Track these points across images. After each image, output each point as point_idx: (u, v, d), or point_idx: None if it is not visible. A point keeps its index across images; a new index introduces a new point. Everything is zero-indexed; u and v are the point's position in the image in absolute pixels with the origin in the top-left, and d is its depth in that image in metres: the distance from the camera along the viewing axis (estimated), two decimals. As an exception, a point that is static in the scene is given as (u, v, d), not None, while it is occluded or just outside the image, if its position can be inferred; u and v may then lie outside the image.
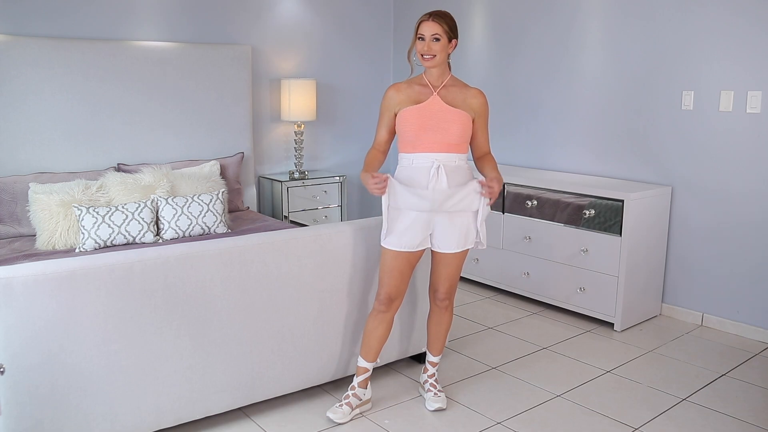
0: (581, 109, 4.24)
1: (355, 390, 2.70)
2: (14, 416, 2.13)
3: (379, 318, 2.66)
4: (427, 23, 2.52)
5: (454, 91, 2.59)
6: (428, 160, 2.54)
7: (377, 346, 2.69)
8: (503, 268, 4.23)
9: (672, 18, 3.72)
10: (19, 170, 3.79)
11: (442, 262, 2.66)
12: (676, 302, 3.89)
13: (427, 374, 2.85)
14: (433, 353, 2.84)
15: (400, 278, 2.62)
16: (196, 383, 2.45)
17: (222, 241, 2.52)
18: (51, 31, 3.92)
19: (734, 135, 3.54)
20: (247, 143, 4.64)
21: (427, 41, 2.51)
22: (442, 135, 2.53)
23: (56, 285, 2.14)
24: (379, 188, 2.51)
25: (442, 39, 2.52)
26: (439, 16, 2.54)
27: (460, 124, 2.54)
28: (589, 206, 3.74)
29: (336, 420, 2.63)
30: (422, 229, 2.58)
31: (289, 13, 4.90)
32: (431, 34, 2.51)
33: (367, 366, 2.70)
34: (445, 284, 2.70)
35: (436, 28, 2.51)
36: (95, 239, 3.39)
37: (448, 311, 2.79)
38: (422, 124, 2.53)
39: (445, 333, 2.83)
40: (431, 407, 2.75)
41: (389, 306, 2.65)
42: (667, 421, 2.71)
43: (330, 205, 4.97)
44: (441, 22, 2.52)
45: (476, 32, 4.82)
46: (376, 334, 2.67)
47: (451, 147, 2.55)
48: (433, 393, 2.79)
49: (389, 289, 2.62)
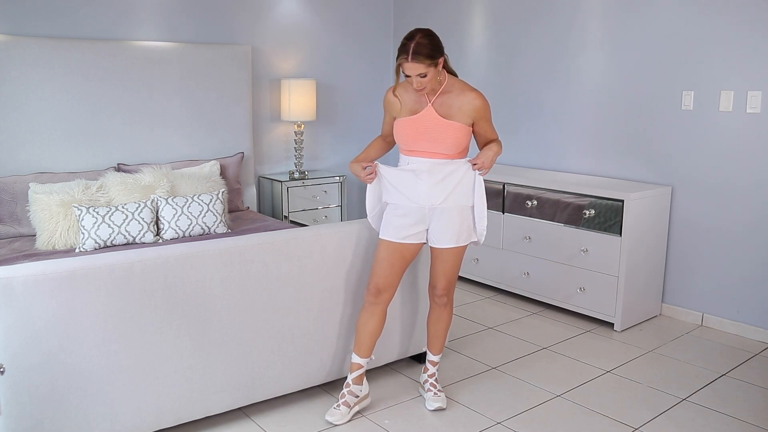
0: (581, 109, 4.24)
1: (350, 387, 2.69)
2: (14, 416, 2.13)
3: (369, 311, 2.66)
4: (408, 65, 2.40)
5: (450, 98, 2.55)
6: (417, 162, 2.60)
7: (369, 341, 2.68)
8: (503, 268, 4.23)
9: (672, 18, 3.72)
10: (19, 170, 3.79)
11: (439, 258, 2.67)
12: (676, 302, 3.89)
13: (427, 374, 2.85)
14: (433, 352, 2.84)
15: (390, 270, 2.63)
16: (196, 383, 2.45)
17: (222, 241, 2.52)
18: (51, 31, 3.92)
19: (734, 135, 3.54)
20: (247, 143, 4.64)
21: (414, 79, 2.45)
22: (436, 144, 2.56)
23: (56, 285, 2.14)
24: (370, 177, 2.66)
25: (428, 73, 2.43)
26: (417, 53, 2.37)
27: (454, 136, 2.55)
28: (589, 206, 3.74)
29: (334, 422, 2.62)
30: (415, 222, 2.60)
31: (289, 13, 4.90)
32: (416, 74, 2.43)
33: (361, 362, 2.69)
34: (442, 280, 2.70)
35: (419, 68, 2.40)
36: (95, 239, 3.39)
37: (447, 309, 2.79)
38: (416, 135, 2.57)
39: (444, 331, 2.83)
40: (431, 407, 2.75)
41: (378, 297, 2.64)
42: (667, 421, 2.71)
43: (330, 205, 4.97)
44: (421, 60, 2.38)
45: (476, 32, 4.82)
46: (368, 329, 2.67)
47: (446, 156, 2.58)
48: (433, 393, 2.79)
49: (378, 279, 2.63)
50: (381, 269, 2.63)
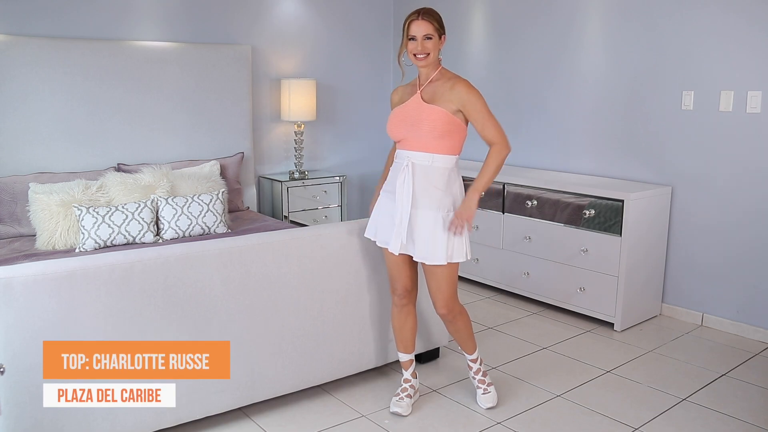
0: (581, 109, 4.24)
1: (411, 382, 2.78)
2: (14, 416, 2.13)
3: (404, 312, 2.72)
4: (418, 22, 2.45)
5: (438, 85, 2.52)
6: (402, 157, 2.54)
7: (411, 337, 2.77)
8: (503, 268, 4.23)
9: (672, 18, 3.72)
10: (19, 170, 3.79)
11: (427, 272, 2.61)
12: (676, 302, 3.89)
13: (472, 372, 2.83)
14: (467, 352, 2.79)
15: (403, 271, 2.65)
16: (196, 383, 2.45)
17: (222, 241, 2.52)
18: (51, 31, 3.92)
19: (734, 135, 3.54)
20: (247, 143, 4.64)
21: (420, 41, 2.46)
22: (414, 132, 2.49)
23: (56, 285, 2.14)
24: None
25: (433, 37, 2.47)
26: (428, 14, 2.47)
27: (429, 119, 2.45)
28: (589, 206, 3.74)
29: (402, 412, 2.70)
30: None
31: (289, 13, 4.90)
32: (423, 33, 2.46)
33: (410, 357, 2.78)
34: (437, 296, 2.61)
35: (428, 27, 2.45)
36: (95, 239, 3.39)
37: (458, 319, 2.69)
38: (398, 121, 2.54)
39: (465, 336, 2.75)
40: (484, 405, 2.78)
41: (405, 298, 2.70)
42: (667, 421, 2.71)
43: (330, 205, 4.97)
44: (431, 20, 2.46)
45: (476, 32, 4.82)
46: (407, 327, 2.75)
47: (425, 145, 2.48)
48: (482, 390, 2.80)
49: (397, 282, 2.67)
50: (396, 272, 2.65)
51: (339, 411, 2.76)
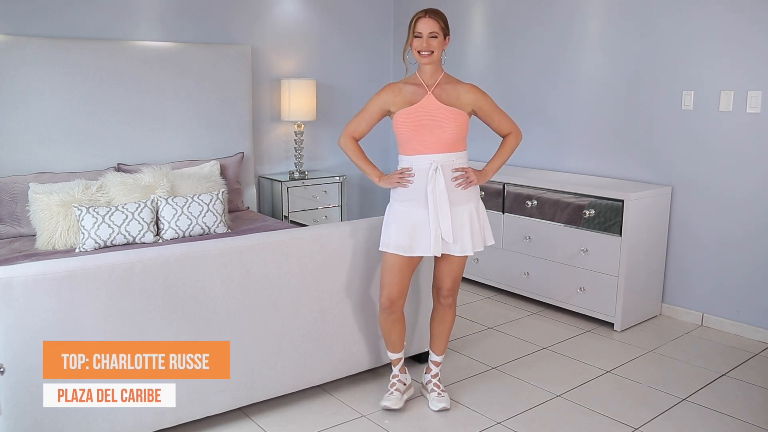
0: (581, 109, 4.24)
1: (399, 377, 2.81)
2: (14, 416, 2.13)
3: (390, 319, 2.71)
4: (425, 20, 2.53)
5: (448, 89, 2.61)
6: (426, 161, 2.56)
7: (399, 340, 2.78)
8: (503, 268, 4.23)
9: (672, 18, 3.72)
10: (19, 170, 3.79)
11: (446, 260, 2.68)
12: (676, 302, 3.89)
13: (431, 374, 2.85)
14: (436, 352, 2.85)
15: (405, 278, 2.65)
16: (196, 383, 2.45)
17: (222, 241, 2.52)
18: (51, 31, 3.92)
19: (734, 135, 3.54)
20: (247, 143, 4.64)
21: (425, 38, 2.53)
22: (438, 134, 2.55)
23: (56, 285, 2.14)
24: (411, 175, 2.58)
25: (438, 36, 2.54)
26: (435, 13, 2.55)
27: (455, 123, 2.56)
28: (589, 206, 3.74)
29: (392, 406, 2.72)
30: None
31: (289, 13, 4.90)
32: (429, 31, 2.52)
33: (399, 355, 2.80)
34: (447, 281, 2.72)
35: (434, 26, 2.53)
36: (95, 239, 3.39)
37: (452, 309, 2.81)
38: (418, 124, 2.56)
39: (448, 331, 2.84)
40: (435, 407, 2.75)
41: (397, 305, 2.69)
42: (667, 421, 2.71)
43: (330, 205, 4.96)
44: (437, 19, 2.54)
45: (476, 32, 4.82)
46: (395, 332, 2.75)
47: (449, 146, 2.57)
48: (436, 393, 2.79)
49: (390, 290, 2.65)
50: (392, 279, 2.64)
51: (339, 411, 2.76)
